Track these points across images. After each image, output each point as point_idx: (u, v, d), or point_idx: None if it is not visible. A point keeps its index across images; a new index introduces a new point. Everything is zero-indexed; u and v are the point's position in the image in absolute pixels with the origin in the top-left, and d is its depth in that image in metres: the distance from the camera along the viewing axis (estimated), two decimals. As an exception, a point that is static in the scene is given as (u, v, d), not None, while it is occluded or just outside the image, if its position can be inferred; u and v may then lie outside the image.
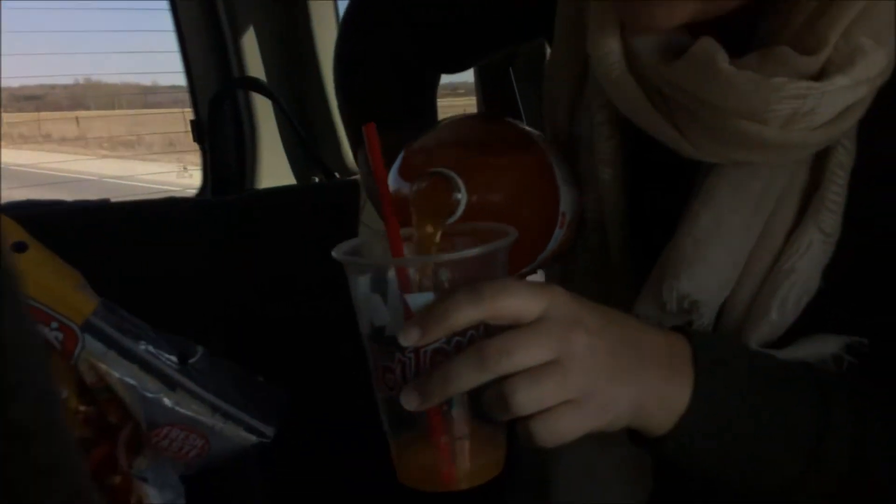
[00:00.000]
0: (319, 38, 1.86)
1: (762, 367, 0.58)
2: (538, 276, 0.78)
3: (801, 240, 0.58)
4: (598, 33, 0.62)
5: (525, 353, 0.48)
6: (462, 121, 0.71)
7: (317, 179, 1.87)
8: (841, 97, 0.53)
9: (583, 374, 0.49)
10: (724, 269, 0.60)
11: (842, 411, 0.56)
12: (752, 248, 0.60)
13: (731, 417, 0.54)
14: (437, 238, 0.56)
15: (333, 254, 0.52)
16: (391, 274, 0.51)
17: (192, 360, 0.83)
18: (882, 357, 0.60)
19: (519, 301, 0.49)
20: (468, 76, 1.74)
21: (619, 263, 0.69)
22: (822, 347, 0.60)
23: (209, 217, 1.52)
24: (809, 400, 0.57)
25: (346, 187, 1.73)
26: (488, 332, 0.50)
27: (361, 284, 0.52)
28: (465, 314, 0.48)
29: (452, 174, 0.57)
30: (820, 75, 0.53)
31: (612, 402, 0.51)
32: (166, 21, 1.86)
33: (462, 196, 0.57)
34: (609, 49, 0.61)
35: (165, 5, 1.84)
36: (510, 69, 1.51)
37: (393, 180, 0.63)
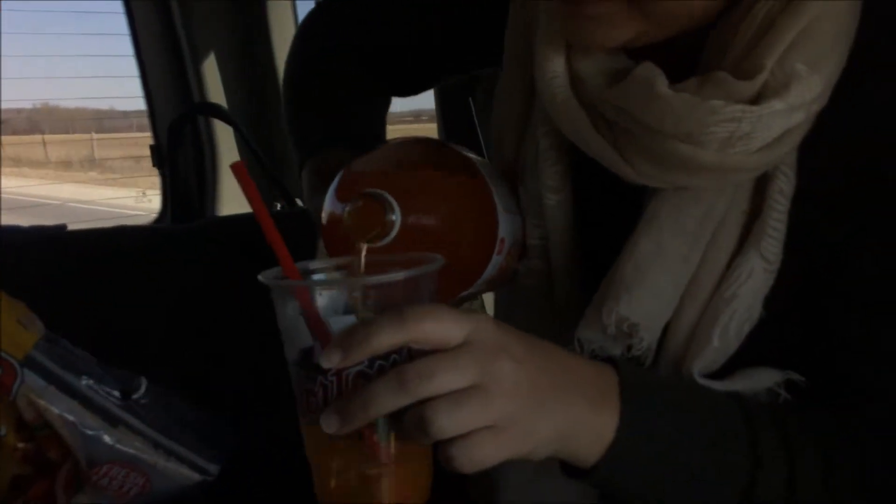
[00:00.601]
0: (280, 64, 1.86)
1: (689, 397, 0.58)
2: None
3: (742, 267, 0.59)
4: (543, 57, 0.62)
5: (446, 377, 0.47)
6: (403, 144, 0.70)
7: (279, 206, 1.86)
8: (777, 121, 0.54)
9: (505, 401, 0.48)
10: (665, 294, 0.60)
11: (769, 441, 0.56)
12: (693, 273, 0.60)
13: (659, 448, 0.54)
14: (362, 260, 0.55)
15: (259, 277, 0.51)
16: (319, 297, 0.50)
17: (136, 395, 0.81)
18: (818, 385, 0.60)
19: (442, 326, 0.48)
20: (431, 103, 1.74)
21: (564, 289, 0.69)
22: (759, 381, 0.60)
23: (168, 244, 1.50)
24: (737, 430, 0.57)
25: (308, 214, 1.71)
26: (412, 357, 0.50)
27: (288, 308, 0.51)
28: (387, 337, 0.47)
29: (387, 195, 0.56)
30: (756, 100, 0.54)
31: (534, 429, 0.50)
32: (127, 46, 1.85)
33: (396, 218, 0.56)
34: (554, 72, 0.61)
35: (126, 30, 1.84)
36: (470, 98, 1.51)
37: (330, 201, 0.62)
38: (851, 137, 0.57)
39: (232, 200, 1.86)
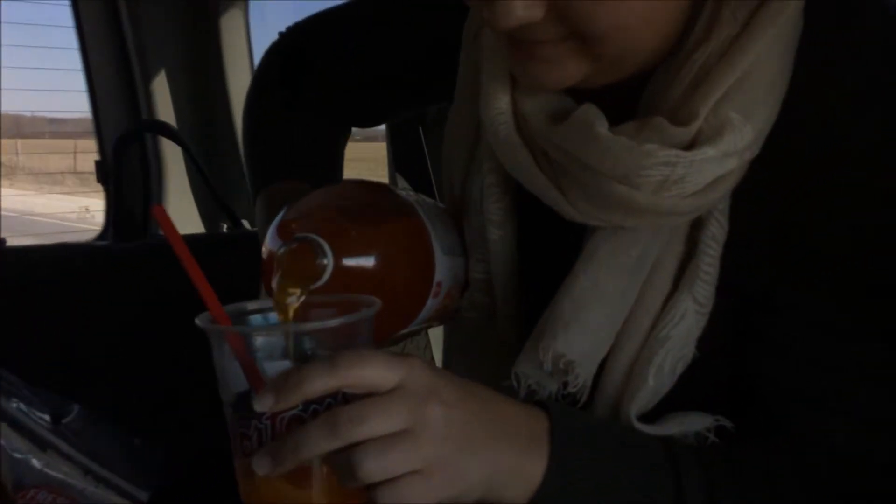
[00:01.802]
0: (232, 85, 1.85)
1: (618, 442, 0.59)
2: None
3: (676, 308, 0.60)
4: (489, 94, 0.63)
5: (377, 421, 0.48)
6: (343, 186, 0.71)
7: (225, 227, 1.84)
8: (709, 167, 0.55)
9: (433, 445, 0.49)
10: (601, 331, 0.61)
11: (693, 486, 0.58)
12: (629, 312, 0.61)
13: (586, 490, 0.55)
14: (298, 303, 0.55)
15: (196, 321, 0.51)
16: (258, 341, 0.51)
17: (66, 420, 0.80)
18: (746, 427, 0.61)
19: (374, 371, 0.49)
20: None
21: (506, 323, 0.70)
22: (690, 425, 0.61)
23: (108, 264, 1.48)
24: (663, 476, 0.58)
25: (254, 237, 1.70)
26: (347, 402, 0.50)
27: (223, 352, 0.51)
28: (320, 382, 0.48)
29: (319, 239, 0.57)
30: (691, 146, 0.55)
31: (462, 473, 0.51)
32: (75, 59, 1.83)
33: (328, 262, 0.57)
34: (499, 109, 0.62)
35: (75, 44, 1.81)
36: (420, 127, 1.52)
37: (269, 240, 0.63)
38: (780, 188, 0.58)
39: (176, 220, 1.84)
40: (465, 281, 0.72)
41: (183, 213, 1.85)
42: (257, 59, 1.90)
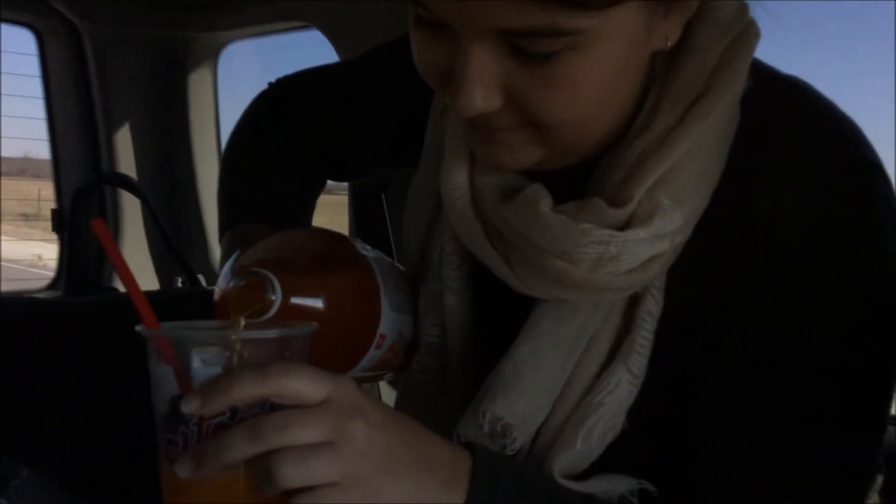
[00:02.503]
0: (196, 141, 1.86)
1: (541, 489, 0.61)
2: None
3: (611, 378, 0.62)
4: (448, 169, 0.66)
5: (299, 430, 0.49)
6: (303, 231, 0.74)
7: (180, 282, 1.83)
8: (641, 248, 0.58)
9: (353, 460, 0.50)
10: (538, 397, 0.63)
11: None
12: (567, 379, 0.63)
13: None
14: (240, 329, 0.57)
15: (137, 328, 0.52)
16: (194, 350, 0.52)
17: (13, 483, 0.78)
18: (671, 495, 0.63)
19: (302, 382, 0.50)
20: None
21: (457, 386, 0.71)
22: (615, 486, 0.63)
23: (60, 317, 1.46)
24: None
25: (210, 295, 1.69)
26: (274, 412, 0.51)
27: (158, 359, 0.52)
28: (248, 389, 0.49)
29: (269, 275, 0.59)
30: (625, 226, 0.58)
31: (378, 493, 0.51)
32: (38, 109, 1.82)
33: (277, 297, 0.59)
34: (456, 184, 0.65)
35: (40, 92, 1.81)
36: (383, 193, 1.54)
37: (223, 277, 0.64)
38: (711, 268, 0.61)
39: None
40: (410, 340, 0.74)
41: (139, 267, 1.83)
42: (224, 117, 1.93)
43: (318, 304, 0.62)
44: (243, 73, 2.11)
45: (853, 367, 0.58)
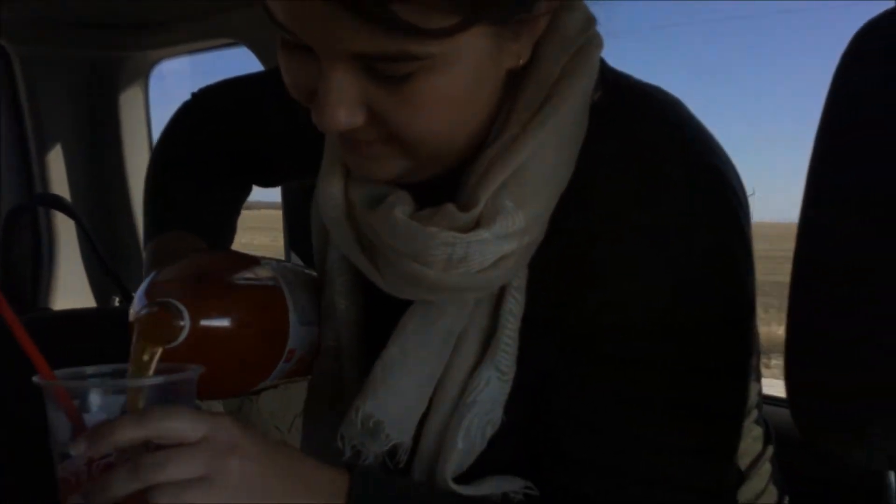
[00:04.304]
0: (129, 160, 1.86)
1: (415, 498, 0.64)
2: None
3: (481, 376, 0.66)
4: (325, 179, 0.69)
5: (176, 467, 0.52)
6: (212, 255, 0.76)
7: (117, 301, 1.83)
8: (488, 248, 0.62)
9: (227, 493, 0.53)
10: (408, 395, 0.67)
11: None
12: (439, 378, 0.67)
13: None
14: (155, 360, 0.60)
15: (33, 379, 0.55)
16: (92, 397, 0.56)
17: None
18: (547, 489, 0.67)
19: (180, 423, 0.53)
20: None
21: (352, 389, 0.73)
22: (506, 486, 0.67)
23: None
24: None
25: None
26: None
27: (53, 405, 0.56)
28: (130, 431, 0.52)
29: (176, 303, 0.62)
30: (472, 229, 0.62)
31: None
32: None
33: (185, 323, 0.61)
34: (331, 194, 0.68)
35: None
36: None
37: (136, 301, 0.67)
38: (564, 268, 0.65)
39: (68, 294, 1.82)
40: (316, 349, 0.76)
41: (75, 286, 1.83)
42: (157, 136, 1.93)
43: (226, 325, 0.65)
44: (177, 92, 2.12)
45: (699, 360, 0.63)
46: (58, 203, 1.73)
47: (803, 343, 0.51)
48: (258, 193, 1.00)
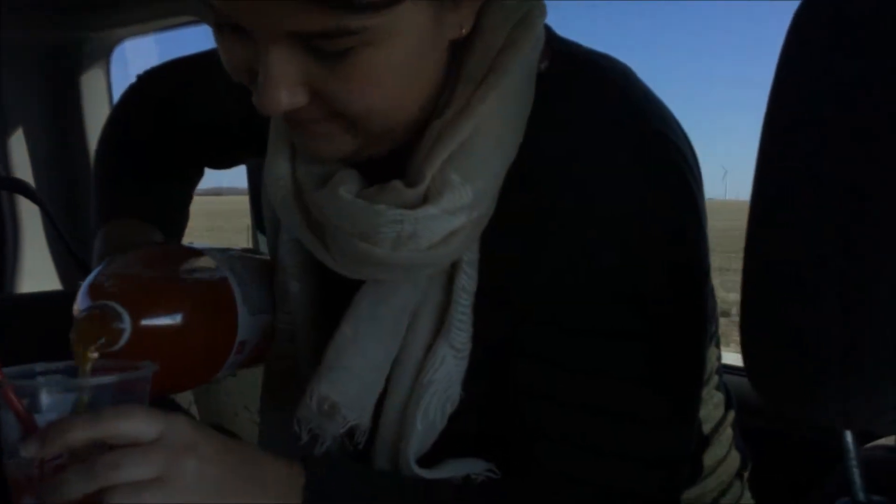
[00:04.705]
0: (92, 144, 1.83)
1: (371, 487, 0.64)
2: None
3: (436, 355, 0.66)
4: (271, 160, 0.68)
5: (130, 468, 0.52)
6: (155, 250, 0.75)
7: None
8: (436, 224, 0.61)
9: (180, 493, 0.53)
10: (362, 375, 0.66)
11: None
12: (395, 357, 0.67)
13: None
14: (93, 362, 0.59)
15: None
16: (43, 396, 0.55)
17: None
18: (509, 465, 0.67)
19: (134, 424, 0.53)
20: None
21: (307, 372, 0.73)
22: (468, 468, 0.67)
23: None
24: None
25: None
26: None
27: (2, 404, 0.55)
28: (82, 432, 0.52)
29: (117, 306, 0.60)
30: (420, 205, 0.61)
31: None
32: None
33: (126, 326, 0.60)
34: (278, 175, 0.67)
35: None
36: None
37: (80, 299, 0.65)
38: (515, 241, 0.65)
39: (34, 279, 1.80)
40: (269, 336, 0.76)
41: (40, 271, 1.81)
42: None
43: (170, 323, 0.64)
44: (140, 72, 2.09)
45: (653, 326, 0.63)
46: (20, 187, 1.71)
47: (757, 307, 0.51)
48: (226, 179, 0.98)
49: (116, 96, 1.86)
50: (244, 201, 1.77)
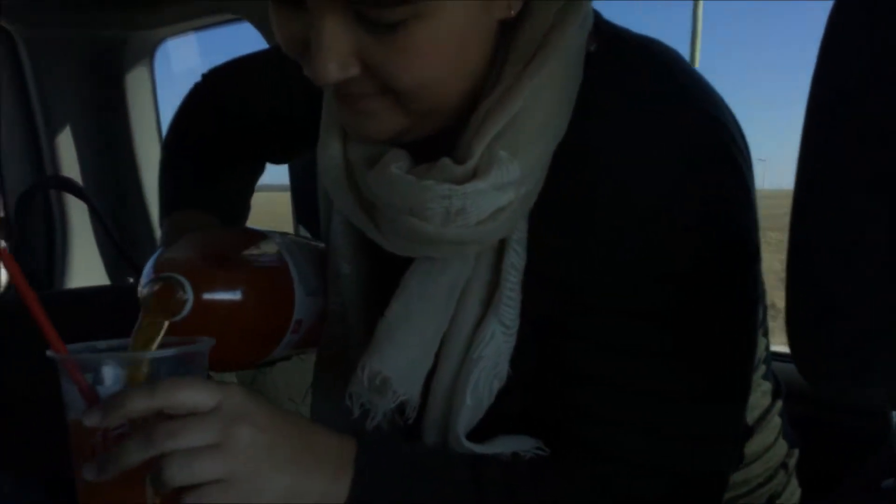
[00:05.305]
0: (138, 140, 1.87)
1: (423, 468, 0.64)
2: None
3: (485, 331, 0.66)
4: (324, 142, 0.69)
5: (188, 435, 0.54)
6: (218, 231, 0.78)
7: (131, 280, 1.84)
8: (485, 199, 0.62)
9: (237, 460, 0.55)
10: (412, 350, 0.67)
11: (494, 490, 0.63)
12: (445, 333, 0.67)
13: None
14: (160, 334, 0.61)
15: (47, 353, 0.56)
16: (105, 370, 0.56)
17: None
18: (556, 443, 0.67)
19: (192, 394, 0.55)
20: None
21: (359, 351, 0.74)
22: (518, 445, 0.67)
23: (13, 316, 1.47)
24: (464, 485, 0.63)
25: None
26: None
27: (66, 378, 0.57)
28: (141, 402, 0.54)
29: (180, 277, 0.63)
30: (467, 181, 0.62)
31: (261, 489, 0.56)
32: (-23, 116, 1.81)
33: (189, 297, 0.62)
34: (331, 156, 0.69)
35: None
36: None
37: (144, 278, 0.67)
38: (566, 220, 0.65)
39: (82, 275, 1.84)
40: (323, 317, 0.77)
41: (89, 267, 1.84)
42: (163, 115, 1.94)
43: (228, 299, 0.66)
44: (183, 70, 2.13)
45: (704, 306, 0.63)
46: (68, 185, 1.74)
47: (802, 287, 0.51)
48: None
49: (160, 94, 1.92)
50: (269, 197, 1.79)
